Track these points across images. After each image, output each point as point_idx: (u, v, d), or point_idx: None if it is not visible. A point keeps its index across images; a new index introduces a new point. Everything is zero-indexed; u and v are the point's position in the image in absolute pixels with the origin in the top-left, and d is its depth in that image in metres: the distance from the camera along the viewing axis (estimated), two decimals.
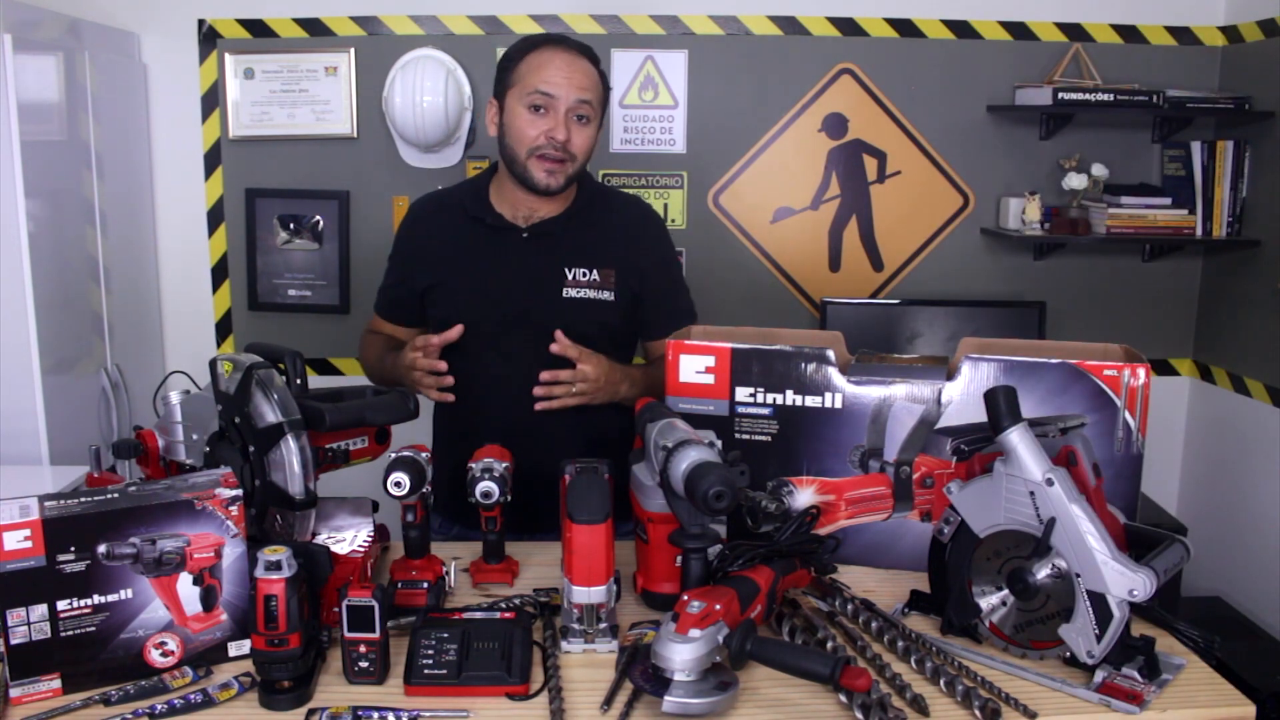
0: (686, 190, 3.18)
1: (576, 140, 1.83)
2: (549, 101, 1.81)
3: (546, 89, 1.81)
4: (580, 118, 1.83)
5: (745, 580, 1.34)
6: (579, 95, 1.82)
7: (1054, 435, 1.45)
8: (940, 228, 3.25)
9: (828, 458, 1.63)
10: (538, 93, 1.81)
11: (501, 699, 1.27)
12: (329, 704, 1.25)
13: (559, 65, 1.82)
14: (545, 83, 1.81)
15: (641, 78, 3.12)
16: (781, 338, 1.68)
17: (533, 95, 1.81)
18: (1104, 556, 1.26)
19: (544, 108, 1.81)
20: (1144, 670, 1.30)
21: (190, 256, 3.20)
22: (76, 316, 2.65)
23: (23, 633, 1.23)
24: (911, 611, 1.49)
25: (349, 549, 1.51)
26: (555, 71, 1.82)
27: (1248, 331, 3.07)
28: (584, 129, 1.84)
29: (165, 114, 3.12)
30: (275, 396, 1.40)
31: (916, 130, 3.19)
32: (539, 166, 1.83)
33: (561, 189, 1.86)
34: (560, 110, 1.81)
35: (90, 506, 1.25)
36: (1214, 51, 3.17)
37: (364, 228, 3.14)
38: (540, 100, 1.81)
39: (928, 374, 1.60)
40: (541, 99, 1.81)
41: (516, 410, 1.89)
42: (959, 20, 3.14)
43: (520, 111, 1.83)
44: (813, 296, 3.26)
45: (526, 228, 1.92)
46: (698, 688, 1.20)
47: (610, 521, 1.36)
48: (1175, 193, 3.13)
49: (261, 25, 3.08)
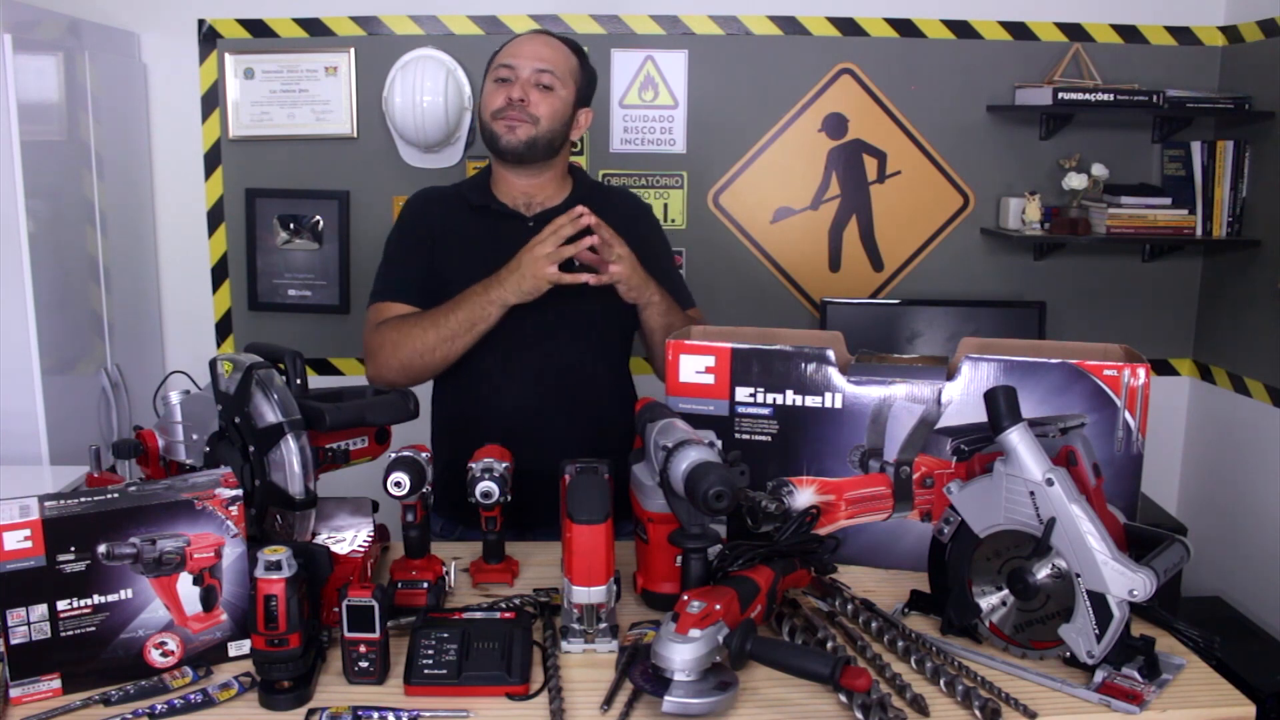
0: (686, 190, 3.19)
1: (536, 101, 1.92)
2: (510, 72, 1.93)
3: (508, 60, 1.94)
4: (542, 86, 1.92)
5: (745, 580, 1.34)
6: (537, 64, 1.93)
7: (1054, 435, 1.45)
8: (940, 228, 3.25)
9: (828, 458, 1.63)
10: (500, 66, 1.95)
11: (501, 699, 1.27)
12: (329, 704, 1.25)
13: (521, 42, 1.98)
14: (509, 56, 1.95)
15: (641, 78, 3.12)
16: (781, 338, 1.68)
17: (496, 70, 1.95)
18: (1104, 556, 1.26)
19: (505, 79, 1.93)
20: (1144, 670, 1.30)
21: (190, 256, 3.20)
22: (76, 316, 2.65)
23: (23, 633, 1.23)
24: (911, 611, 1.49)
25: (349, 549, 1.50)
26: (517, 46, 1.97)
27: (1248, 331, 3.07)
28: (546, 95, 1.93)
29: (165, 114, 3.12)
30: (275, 396, 1.40)
31: (916, 130, 3.19)
32: (500, 125, 1.92)
33: (523, 147, 1.91)
34: (521, 77, 1.92)
35: (90, 506, 1.25)
36: (1214, 51, 3.17)
37: (364, 228, 3.14)
38: (503, 73, 1.94)
39: (928, 374, 1.60)
40: (504, 71, 1.94)
41: (517, 410, 1.90)
42: (959, 20, 3.14)
43: (489, 88, 1.96)
44: (813, 296, 3.26)
45: (531, 216, 1.96)
46: (698, 688, 1.20)
47: (610, 521, 1.36)
48: (1175, 193, 3.13)
49: (261, 25, 3.08)
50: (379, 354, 1.90)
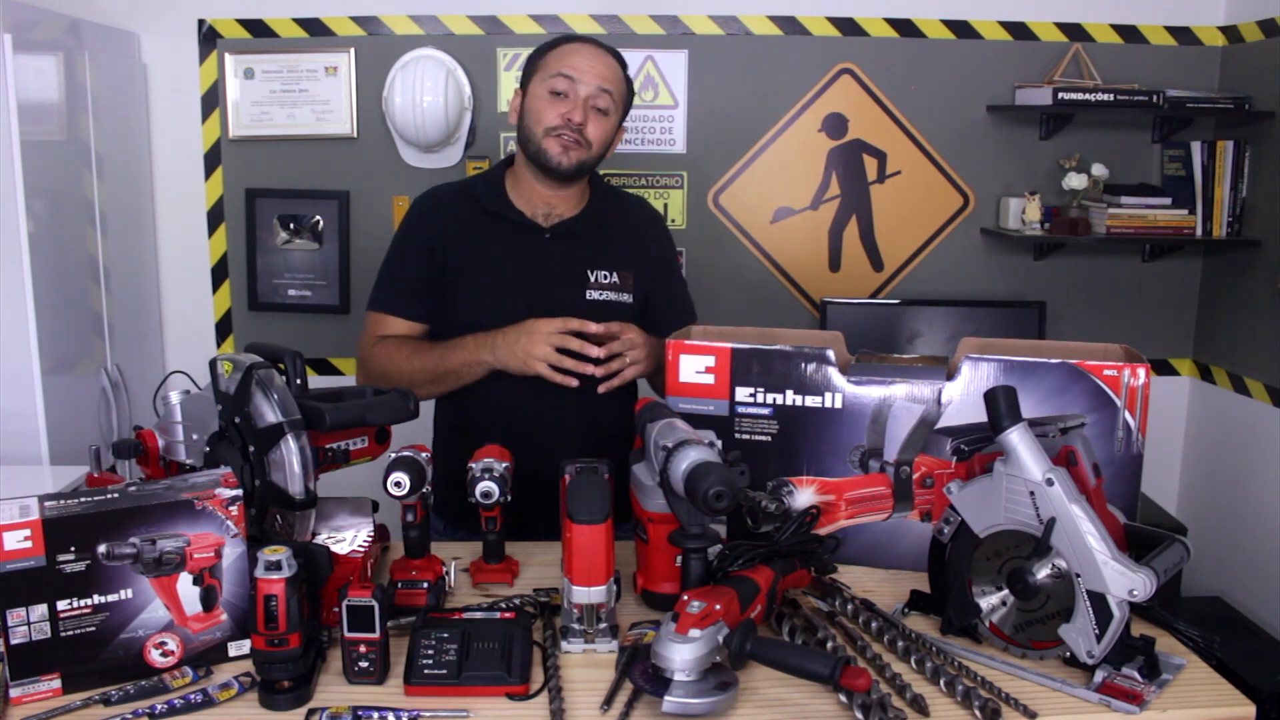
0: (686, 190, 3.19)
1: (592, 128, 1.85)
2: (570, 86, 1.84)
3: (569, 72, 1.85)
4: (599, 109, 1.86)
5: (745, 580, 1.34)
6: (600, 84, 1.85)
7: (1054, 435, 1.45)
8: (940, 228, 3.25)
9: (828, 458, 1.63)
10: (560, 76, 1.84)
11: (501, 699, 1.27)
12: (329, 704, 1.25)
13: (584, 54, 1.87)
14: (569, 67, 1.85)
15: (641, 78, 3.12)
16: (781, 338, 1.68)
17: (555, 79, 1.85)
18: (1104, 556, 1.26)
19: (565, 92, 1.85)
20: (1144, 670, 1.30)
21: (190, 256, 3.20)
22: (76, 316, 2.65)
23: (23, 633, 1.23)
24: (911, 611, 1.49)
25: (349, 549, 1.50)
26: (579, 59, 1.86)
27: (1248, 331, 3.07)
28: (601, 120, 1.87)
29: (165, 114, 3.12)
30: (275, 396, 1.40)
31: (916, 130, 3.19)
32: (554, 144, 1.85)
33: (573, 171, 1.87)
34: (579, 95, 1.84)
35: (90, 506, 1.25)
36: (1214, 51, 3.17)
37: (364, 228, 3.14)
38: (562, 85, 1.84)
39: (928, 374, 1.60)
40: (563, 83, 1.84)
41: (518, 410, 1.90)
42: (959, 20, 3.14)
43: (541, 94, 1.86)
44: (813, 296, 3.26)
45: (549, 228, 1.93)
46: (698, 688, 1.20)
47: (610, 521, 1.36)
48: (1175, 193, 3.13)
49: (261, 25, 3.08)
50: (369, 373, 1.94)
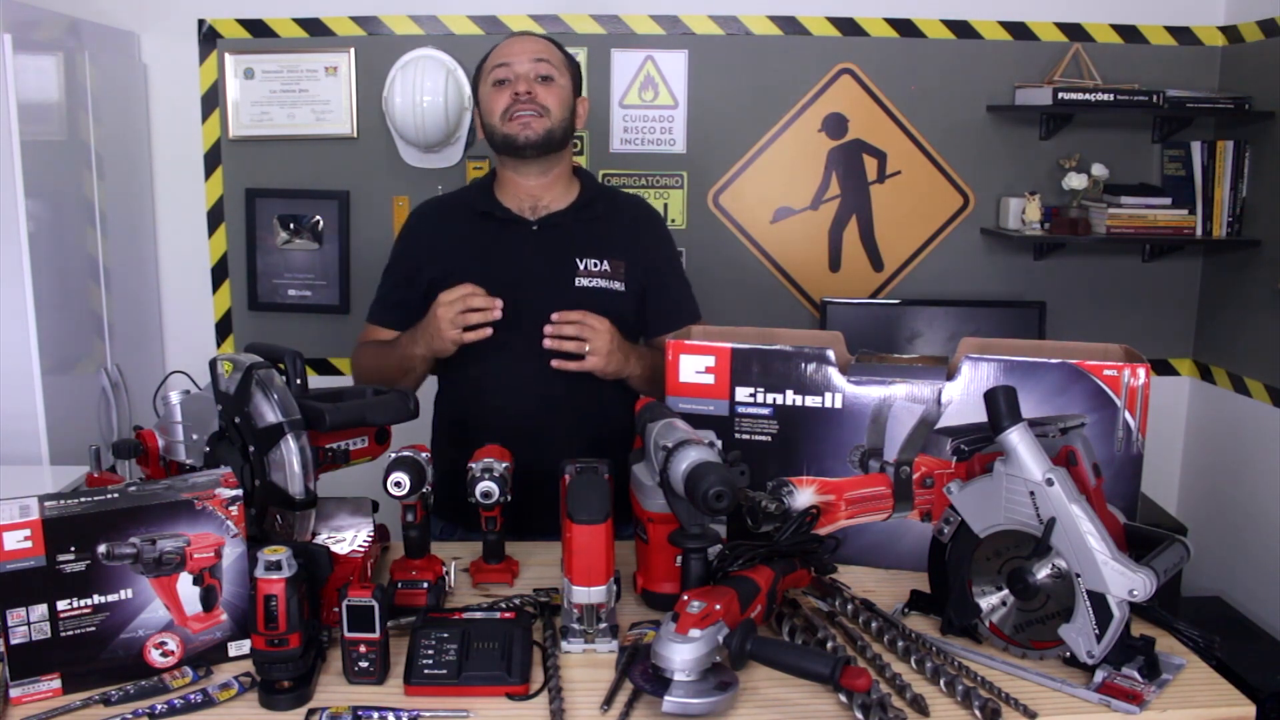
0: (686, 190, 3.18)
1: (543, 93, 1.91)
2: (508, 71, 1.93)
3: (503, 60, 1.94)
4: (542, 78, 1.92)
5: (745, 580, 1.34)
6: (533, 57, 1.93)
7: (1054, 435, 1.45)
8: (940, 228, 3.25)
9: (828, 458, 1.63)
10: (497, 68, 1.94)
11: (501, 699, 1.27)
12: (329, 704, 1.25)
13: (513, 43, 1.97)
14: (502, 58, 1.94)
15: (641, 78, 3.12)
16: (781, 338, 1.68)
17: (494, 72, 1.94)
18: (1104, 556, 1.26)
19: (505, 79, 1.92)
20: (1144, 670, 1.30)
21: (190, 256, 3.20)
22: (76, 316, 2.65)
23: (23, 633, 1.23)
24: (911, 611, 1.49)
25: (349, 549, 1.50)
26: (509, 48, 1.96)
27: (1248, 331, 3.07)
28: (550, 85, 1.93)
29: (165, 114, 3.12)
30: (275, 396, 1.40)
31: (916, 130, 3.19)
32: (514, 125, 1.91)
33: (542, 141, 1.91)
34: (519, 73, 1.92)
35: (90, 506, 1.25)
36: (1214, 51, 3.17)
37: (364, 228, 3.14)
38: (501, 73, 1.93)
39: (928, 374, 1.60)
40: (502, 71, 1.93)
41: (518, 410, 1.90)
42: (959, 20, 3.14)
43: (488, 92, 1.94)
44: (813, 296, 3.26)
45: (536, 220, 1.95)
46: (698, 688, 1.20)
47: (610, 521, 1.36)
48: (1175, 193, 3.13)
49: (261, 25, 3.08)
50: (354, 376, 2.09)
